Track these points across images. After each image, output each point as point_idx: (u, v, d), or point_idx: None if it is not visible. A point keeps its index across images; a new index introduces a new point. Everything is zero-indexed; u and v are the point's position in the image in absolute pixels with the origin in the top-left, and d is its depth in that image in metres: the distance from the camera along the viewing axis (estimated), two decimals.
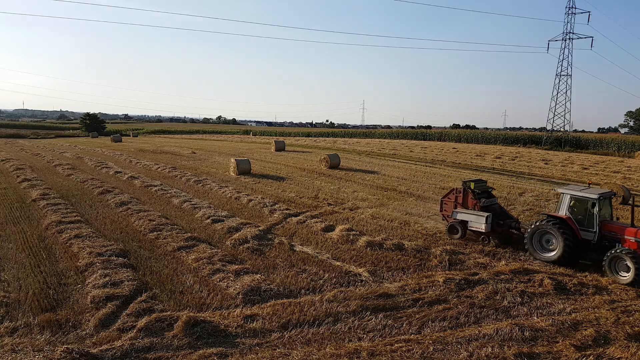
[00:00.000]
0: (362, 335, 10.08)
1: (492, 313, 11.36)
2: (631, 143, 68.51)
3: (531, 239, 15.40)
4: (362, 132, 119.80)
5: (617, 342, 9.93)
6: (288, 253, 15.43)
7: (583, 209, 14.84)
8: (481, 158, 53.66)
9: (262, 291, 12.08)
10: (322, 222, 19.49)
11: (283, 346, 9.51)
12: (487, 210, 17.50)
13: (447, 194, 18.97)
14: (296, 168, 40.30)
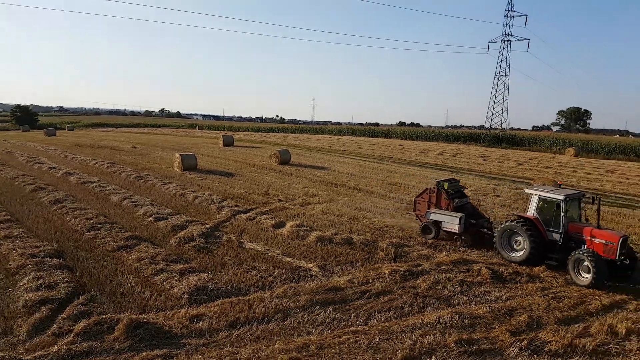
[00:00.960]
0: (311, 329, 10.24)
1: (434, 302, 11.88)
2: (562, 140, 72.98)
3: (500, 239, 15.36)
4: (313, 128, 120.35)
5: (548, 327, 10.69)
6: (237, 250, 15.34)
7: (550, 210, 14.73)
8: (425, 155, 55.43)
9: (209, 290, 11.93)
10: (273, 219, 19.49)
11: (231, 345, 9.48)
12: (460, 210, 17.57)
13: (421, 194, 18.93)
14: (245, 164, 39.93)
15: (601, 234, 13.66)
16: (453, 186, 18.35)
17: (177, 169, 34.26)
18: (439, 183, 18.23)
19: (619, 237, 13.33)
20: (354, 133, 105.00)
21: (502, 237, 15.34)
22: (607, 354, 9.51)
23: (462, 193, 18.74)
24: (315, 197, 25.30)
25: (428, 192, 18.53)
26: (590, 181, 36.08)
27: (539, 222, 14.75)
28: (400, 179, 33.77)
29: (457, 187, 18.70)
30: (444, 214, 17.28)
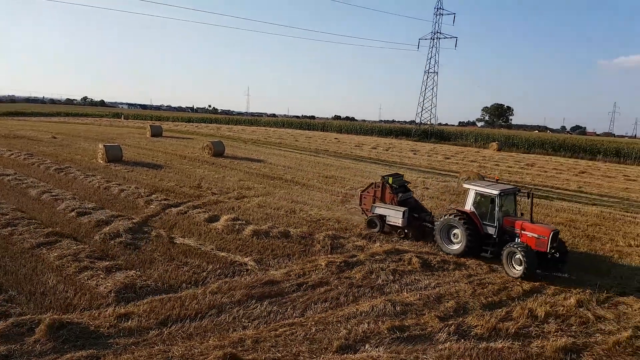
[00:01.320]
0: (247, 324, 10.11)
1: (368, 291, 12.15)
2: (486, 135, 77.26)
3: (439, 232, 15.67)
4: (248, 120, 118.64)
5: (474, 312, 11.28)
6: (167, 246, 14.78)
7: (486, 204, 15.12)
8: (360, 148, 56.53)
9: (137, 288, 11.44)
10: (206, 212, 18.99)
11: (162, 343, 9.15)
12: (404, 204, 17.87)
13: (366, 188, 19.07)
14: (176, 155, 38.59)
15: (533, 228, 14.06)
16: (397, 181, 18.64)
17: (101, 160, 32.39)
18: (384, 178, 18.47)
19: (550, 231, 13.76)
20: (290, 125, 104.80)
21: (441, 231, 15.64)
22: (528, 337, 10.18)
23: (406, 187, 19.08)
24: (250, 190, 24.97)
25: (373, 186, 18.69)
26: (512, 174, 38.52)
27: (475, 216, 15.13)
28: (337, 172, 34.18)
29: (401, 181, 19.02)
30: (388, 208, 17.50)
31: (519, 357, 9.25)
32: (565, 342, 9.77)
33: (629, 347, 9.86)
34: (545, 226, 14.40)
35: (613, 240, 18.37)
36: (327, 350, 9.16)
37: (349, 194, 25.35)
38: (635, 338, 10.19)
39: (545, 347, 9.61)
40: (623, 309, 11.84)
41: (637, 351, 9.72)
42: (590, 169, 45.14)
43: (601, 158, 57.74)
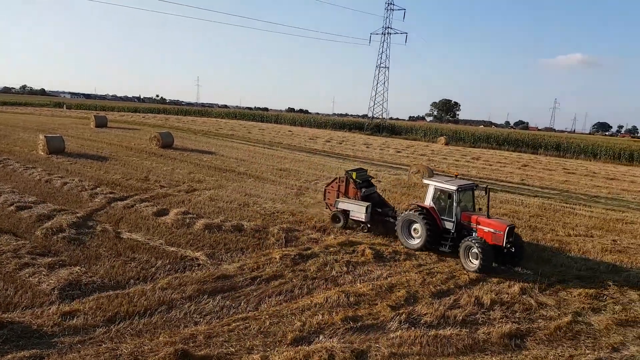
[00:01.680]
0: (198, 319, 9.93)
1: (322, 283, 12.22)
2: (435, 130, 79.52)
3: (401, 227, 15.68)
4: (198, 111, 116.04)
5: (423, 300, 11.60)
6: (114, 241, 14.22)
7: (445, 200, 15.30)
8: (314, 141, 56.62)
9: (83, 285, 10.99)
10: (154, 206, 18.42)
11: (110, 341, 8.85)
12: (367, 199, 17.78)
13: (330, 183, 18.88)
14: (122, 147, 37.15)
15: (489, 223, 14.23)
16: (361, 176, 18.60)
17: (42, 152, 30.70)
18: (348, 172, 18.36)
19: (505, 226, 13.91)
20: (242, 117, 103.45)
21: (402, 226, 15.70)
22: (474, 323, 10.58)
23: (370, 182, 19.07)
24: (201, 183, 24.44)
25: (337, 181, 18.54)
26: (459, 167, 39.81)
27: (434, 212, 15.26)
28: (291, 164, 34.08)
29: (365, 176, 18.99)
30: (351, 203, 17.47)
31: (466, 343, 9.60)
32: (510, 328, 10.23)
33: (569, 331, 10.44)
34: (501, 221, 14.55)
35: (553, 230, 19.40)
36: (281, 343, 9.14)
37: (304, 186, 25.37)
38: (575, 323, 10.81)
39: (491, 334, 10.01)
40: (563, 295, 12.53)
41: (576, 335, 10.32)
42: (532, 163, 47.41)
43: (542, 152, 60.88)
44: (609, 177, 39.61)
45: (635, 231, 20.07)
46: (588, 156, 58.12)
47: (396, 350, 9.12)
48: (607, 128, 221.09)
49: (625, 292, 12.97)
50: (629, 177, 40.46)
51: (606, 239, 18.38)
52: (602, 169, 45.32)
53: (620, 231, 19.97)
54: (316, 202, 21.68)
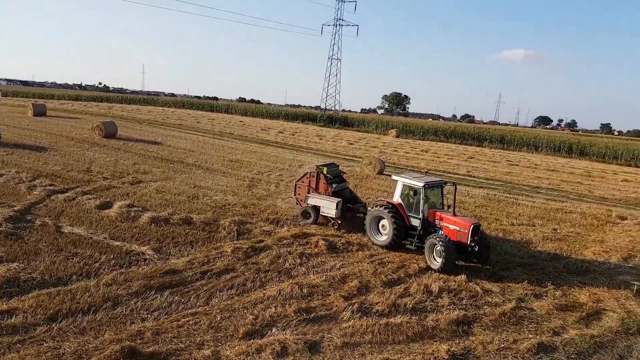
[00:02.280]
0: (146, 315, 9.61)
1: (275, 276, 12.12)
2: (386, 122, 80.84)
3: (369, 223, 15.44)
4: (143, 99, 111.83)
5: (375, 290, 11.76)
6: (54, 236, 13.46)
7: (413, 196, 14.95)
8: (266, 132, 56.09)
9: (21, 282, 10.39)
10: (97, 199, 17.61)
11: (52, 340, 8.42)
12: (338, 195, 17.43)
13: (301, 178, 18.40)
14: (62, 137, 35.25)
15: (455, 221, 13.95)
16: (332, 171, 18.23)
17: None
18: (319, 167, 18.01)
19: (470, 224, 13.63)
20: (191, 106, 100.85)
21: (371, 222, 15.45)
22: (424, 311, 10.85)
23: (341, 178, 18.67)
24: (147, 174, 23.60)
25: (308, 176, 18.09)
26: (409, 159, 40.72)
27: (402, 208, 14.96)
28: (242, 156, 33.59)
29: (337, 172, 18.60)
30: (322, 199, 17.05)
31: (416, 330, 9.82)
32: (457, 315, 10.56)
33: (513, 317, 10.91)
34: (466, 219, 14.27)
35: (498, 219, 20.22)
36: (233, 338, 9.00)
37: (256, 178, 25.06)
38: (518, 309, 11.31)
39: (439, 320, 10.30)
40: (507, 282, 13.08)
41: (520, 321, 10.79)
42: (478, 155, 49.20)
43: (487, 145, 63.31)
44: (550, 168, 41.76)
45: (574, 220, 21.25)
46: (530, 149, 60.99)
47: (348, 340, 9.21)
48: (548, 122, 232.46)
49: (565, 278, 13.71)
50: (568, 168, 42.82)
51: (547, 228, 19.36)
52: (543, 161, 47.71)
53: (560, 220, 21.07)
54: (269, 194, 21.49)
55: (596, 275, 14.21)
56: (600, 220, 21.44)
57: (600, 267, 15.03)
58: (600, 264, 15.26)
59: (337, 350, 8.81)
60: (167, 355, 8.26)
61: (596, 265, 15.09)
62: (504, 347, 9.38)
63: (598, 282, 13.52)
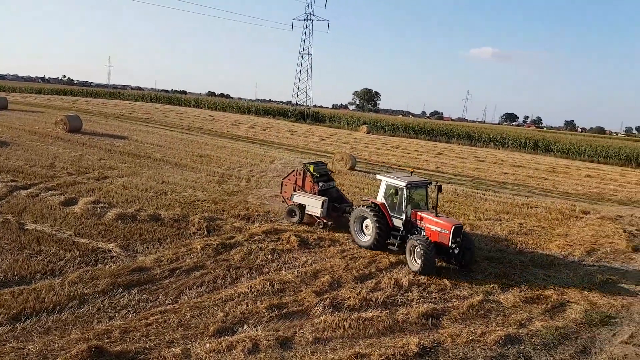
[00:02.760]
0: (113, 314, 9.42)
1: (246, 272, 12.05)
2: (357, 119, 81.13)
3: (353, 223, 15.11)
4: (109, 93, 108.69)
5: (347, 285, 11.84)
6: (17, 233, 13.00)
7: (396, 196, 14.58)
8: (236, 127, 55.49)
9: None
10: (62, 195, 17.09)
11: (16, 340, 8.20)
12: (325, 194, 17.00)
13: (288, 175, 18.05)
14: (24, 131, 33.97)
15: (436, 222, 13.57)
16: (319, 169, 17.86)
17: None
18: (305, 165, 17.69)
19: (451, 225, 13.25)
20: (158, 100, 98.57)
21: (355, 222, 15.13)
22: (394, 305, 11.00)
23: (329, 177, 18.29)
24: (114, 169, 23.02)
25: (295, 173, 17.72)
26: (380, 155, 41.08)
27: (385, 208, 14.65)
28: (212, 151, 33.15)
29: (324, 170, 18.27)
30: (308, 197, 16.74)
31: (386, 324, 9.96)
32: (427, 308, 10.76)
33: (481, 309, 11.19)
34: (448, 220, 13.82)
35: (465, 214, 20.65)
36: (203, 335, 8.92)
37: (226, 174, 24.79)
38: (486, 302, 11.60)
39: (409, 314, 10.47)
40: (475, 275, 13.39)
41: (487, 313, 11.07)
42: (447, 151, 50.07)
43: (456, 141, 64.36)
44: (516, 164, 42.87)
45: (539, 215, 21.90)
46: (497, 145, 62.37)
47: (320, 335, 9.25)
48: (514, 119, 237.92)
49: (530, 272, 14.15)
50: (533, 164, 44.03)
51: (513, 223, 19.90)
52: (510, 157, 48.93)
53: (526, 215, 21.68)
54: (240, 190, 21.31)
55: (560, 268, 14.71)
56: (564, 215, 22.14)
57: (565, 260, 15.55)
58: (564, 257, 15.79)
59: (308, 346, 8.85)
60: (135, 354, 8.13)
61: (560, 259, 15.61)
62: (472, 340, 9.61)
63: (562, 275, 14.03)
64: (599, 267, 15.16)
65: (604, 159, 53.54)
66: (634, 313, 11.79)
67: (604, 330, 10.74)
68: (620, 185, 34.31)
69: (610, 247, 17.26)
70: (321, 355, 8.56)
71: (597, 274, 14.19)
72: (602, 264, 15.47)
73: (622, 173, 42.84)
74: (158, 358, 8.09)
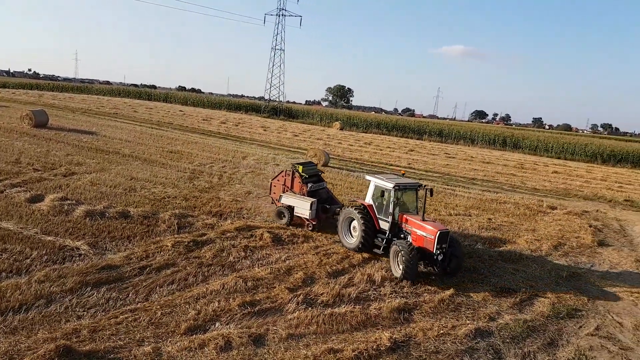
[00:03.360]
0: (82, 313, 9.23)
1: (219, 270, 11.95)
2: (330, 115, 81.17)
3: (341, 225, 14.71)
4: (77, 87, 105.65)
5: (320, 281, 11.90)
6: None
7: (383, 198, 14.13)
8: (208, 122, 54.80)
9: None
10: (28, 192, 16.59)
11: None
12: (314, 195, 16.54)
13: (277, 176, 17.51)
14: None
15: (422, 226, 12.94)
16: (308, 169, 17.41)
17: None
18: (294, 166, 17.23)
19: (437, 231, 12.54)
20: (127, 95, 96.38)
21: (343, 223, 14.71)
22: (367, 300, 11.11)
23: (319, 177, 17.84)
24: (81, 166, 22.43)
25: (283, 174, 17.23)
26: (353, 152, 41.28)
27: (372, 210, 14.21)
28: (183, 146, 32.65)
29: (313, 171, 17.82)
30: (296, 199, 16.31)
31: (359, 319, 10.06)
32: (399, 303, 10.92)
33: (452, 304, 11.40)
34: (434, 225, 12.98)
35: (436, 210, 20.98)
36: (174, 333, 8.82)
37: (197, 170, 24.47)
38: (456, 296, 11.82)
39: (382, 309, 10.60)
40: None
41: (458, 307, 11.29)
42: (418, 148, 50.70)
43: (427, 138, 65.23)
44: (485, 161, 43.79)
45: (507, 210, 22.46)
46: (467, 142, 63.49)
47: (294, 332, 9.28)
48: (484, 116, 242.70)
49: (499, 266, 14.51)
50: (502, 161, 45.07)
51: (482, 218, 20.34)
52: (479, 154, 49.93)
53: (495, 210, 22.20)
54: (211, 186, 21.08)
55: (529, 262, 15.13)
56: (532, 210, 22.77)
57: (533, 254, 15.99)
58: (532, 252, 16.23)
59: (282, 342, 8.86)
60: (105, 353, 7.99)
61: (528, 253, 16.04)
62: (443, 333, 9.81)
63: (530, 269, 14.43)
64: (565, 261, 15.67)
65: (570, 155, 55.08)
66: (599, 306, 12.24)
67: (570, 323, 11.11)
68: (586, 181, 35.44)
69: (577, 242, 17.85)
70: (294, 352, 8.59)
71: (564, 268, 14.67)
72: (568, 258, 15.98)
73: (588, 169, 44.26)
74: (128, 357, 7.97)
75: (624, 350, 10.04)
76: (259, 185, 21.95)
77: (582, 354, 9.70)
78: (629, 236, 19.98)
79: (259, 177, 24.10)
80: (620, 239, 19.27)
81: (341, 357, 8.47)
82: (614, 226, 21.41)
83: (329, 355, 8.48)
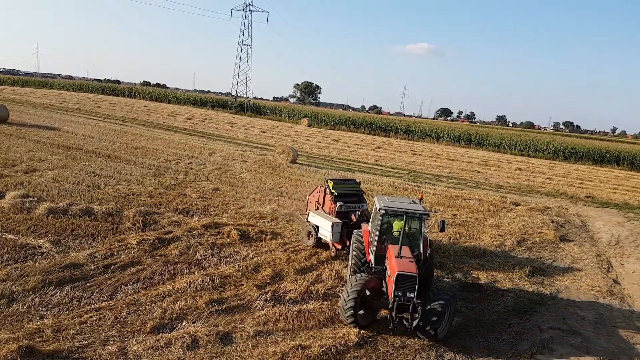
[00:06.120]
0: (45, 312, 9.05)
1: (185, 268, 11.88)
2: (298, 111, 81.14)
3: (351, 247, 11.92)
4: (38, 81, 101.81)
5: (288, 278, 11.99)
6: None
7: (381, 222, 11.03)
8: (173, 118, 53.88)
9: None
10: None
11: None
12: (344, 216, 14.45)
13: (313, 191, 15.96)
14: None
15: (391, 264, 9.97)
16: (342, 187, 15.48)
17: None
18: (326, 180, 15.57)
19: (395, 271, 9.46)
20: (90, 90, 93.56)
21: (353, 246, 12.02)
22: (335, 296, 11.26)
23: (360, 198, 15.71)
24: (43, 162, 21.73)
25: (318, 190, 15.63)
26: (321, 149, 41.46)
27: (366, 236, 11.94)
28: (148, 143, 32.02)
29: (352, 189, 15.79)
30: (321, 218, 14.41)
31: (327, 316, 10.22)
32: None
33: None
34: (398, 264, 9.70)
35: None
36: (140, 332, 8.75)
37: (163, 166, 24.08)
38: None
39: None
40: None
41: None
42: (385, 145, 51.36)
43: (394, 135, 66.15)
44: (450, 158, 44.75)
45: (472, 206, 23.06)
46: (432, 139, 64.73)
47: (262, 329, 9.35)
48: (449, 113, 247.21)
49: (464, 261, 14.94)
50: (466, 158, 46.16)
51: (448, 214, 20.85)
52: (444, 151, 51.00)
53: (460, 207, 22.76)
54: (177, 183, 20.80)
55: (493, 257, 15.61)
56: (496, 206, 23.44)
57: (497, 250, 16.51)
58: (496, 247, 16.75)
59: (249, 340, 8.91)
60: (69, 353, 7.88)
61: (493, 249, 16.55)
62: None
63: (494, 264, 14.92)
64: (528, 256, 16.22)
65: (533, 152, 56.93)
66: (561, 300, 12.77)
67: (533, 317, 11.51)
68: (548, 178, 36.74)
69: (539, 237, 18.52)
70: (262, 349, 8.66)
71: (527, 263, 15.15)
72: (531, 254, 16.55)
73: (550, 166, 45.90)
74: (93, 357, 7.87)
75: (585, 343, 10.48)
76: (226, 182, 21.81)
77: (545, 346, 10.09)
78: (590, 231, 20.88)
79: (226, 173, 23.93)
80: (582, 235, 20.11)
81: (309, 353, 8.59)
82: (576, 222, 22.32)
83: (297, 352, 8.58)
